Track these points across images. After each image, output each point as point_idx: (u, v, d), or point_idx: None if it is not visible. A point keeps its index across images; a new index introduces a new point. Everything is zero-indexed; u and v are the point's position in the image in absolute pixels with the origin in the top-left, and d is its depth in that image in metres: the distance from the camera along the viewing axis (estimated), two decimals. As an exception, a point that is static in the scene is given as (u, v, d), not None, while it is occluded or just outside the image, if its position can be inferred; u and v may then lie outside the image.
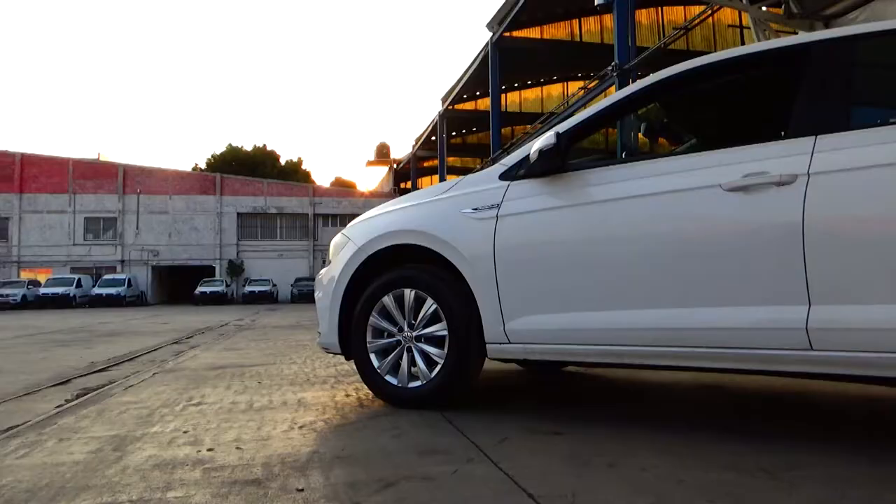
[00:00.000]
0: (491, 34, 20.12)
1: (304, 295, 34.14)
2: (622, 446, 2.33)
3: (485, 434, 2.51)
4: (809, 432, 2.56)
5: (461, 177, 3.27)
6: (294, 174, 55.70)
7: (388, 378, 3.08)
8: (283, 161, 58.61)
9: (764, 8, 7.57)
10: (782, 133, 2.43)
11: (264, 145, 58.81)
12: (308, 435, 2.60)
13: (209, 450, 2.39)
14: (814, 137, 2.27)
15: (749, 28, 7.94)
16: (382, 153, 49.89)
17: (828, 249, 2.17)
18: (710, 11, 10.46)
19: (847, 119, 2.32)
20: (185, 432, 2.69)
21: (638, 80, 3.00)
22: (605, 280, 2.59)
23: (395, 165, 45.58)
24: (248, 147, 57.54)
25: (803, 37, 2.65)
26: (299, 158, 68.90)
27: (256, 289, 36.52)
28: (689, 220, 2.46)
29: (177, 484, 1.98)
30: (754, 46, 2.74)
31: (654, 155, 2.98)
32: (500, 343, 2.81)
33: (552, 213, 2.74)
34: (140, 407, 3.30)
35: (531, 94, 28.27)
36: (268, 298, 36.00)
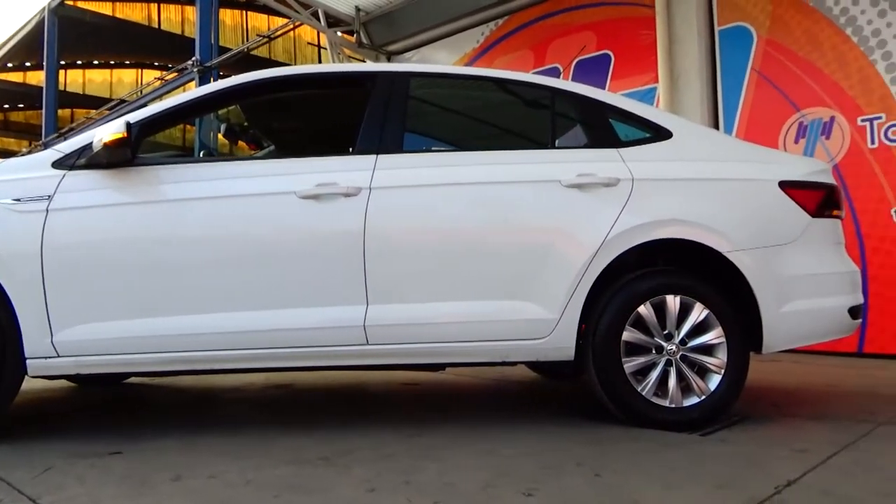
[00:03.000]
0: (49, -2, 17.29)
1: None
2: (189, 457, 2.23)
3: (22, 467, 2.11)
4: (362, 419, 2.87)
5: (1, 160, 2.72)
6: None
7: None
8: None
9: (339, 33, 8.23)
10: (351, 149, 2.70)
11: None
12: None
13: None
14: (376, 156, 2.58)
15: (326, 49, 8.56)
16: None
17: (382, 256, 2.49)
18: (291, 26, 10.94)
19: (401, 143, 2.69)
20: None
21: (220, 80, 2.95)
22: (176, 284, 2.46)
23: None
24: None
25: (373, 65, 3.00)
26: None
27: None
28: (265, 224, 2.52)
29: None
30: (333, 66, 2.99)
31: (233, 157, 2.97)
32: (46, 357, 2.41)
33: (117, 210, 2.48)
34: None
35: (98, 76, 25.19)
36: None
